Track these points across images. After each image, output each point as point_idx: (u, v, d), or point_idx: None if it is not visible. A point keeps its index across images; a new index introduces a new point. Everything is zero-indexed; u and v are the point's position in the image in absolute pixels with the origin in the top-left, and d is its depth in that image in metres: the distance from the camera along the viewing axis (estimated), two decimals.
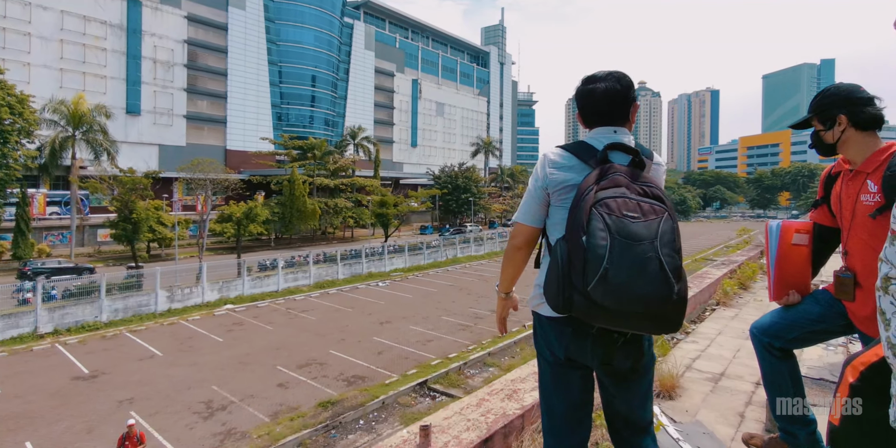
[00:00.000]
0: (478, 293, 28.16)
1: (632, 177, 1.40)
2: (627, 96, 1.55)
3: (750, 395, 3.10)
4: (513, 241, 1.60)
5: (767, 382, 2.04)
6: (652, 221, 1.31)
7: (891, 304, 0.77)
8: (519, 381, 2.59)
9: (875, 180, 1.72)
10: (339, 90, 66.45)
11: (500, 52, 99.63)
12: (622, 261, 1.27)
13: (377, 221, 44.06)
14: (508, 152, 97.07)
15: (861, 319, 1.81)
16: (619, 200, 1.33)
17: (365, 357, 17.57)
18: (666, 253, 1.29)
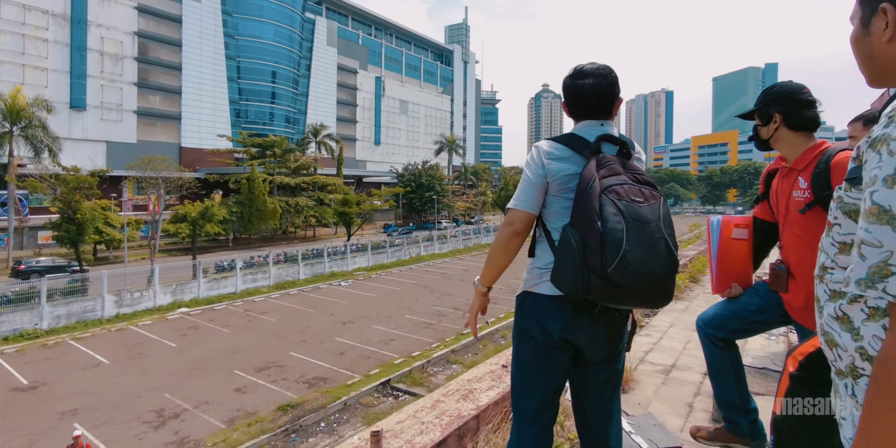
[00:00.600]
0: (441, 291, 28.16)
1: (623, 166, 1.50)
2: (613, 92, 1.62)
3: (698, 385, 3.16)
4: (511, 227, 1.59)
5: (712, 373, 2.10)
6: (654, 205, 1.43)
7: (824, 293, 0.79)
8: (475, 381, 2.53)
9: (805, 177, 1.80)
10: (301, 87, 64.99)
11: (463, 50, 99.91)
12: (637, 242, 1.36)
13: (340, 220, 43.38)
14: (472, 150, 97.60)
15: (796, 310, 1.87)
16: (626, 187, 1.42)
17: (326, 358, 17.26)
18: (669, 233, 1.43)
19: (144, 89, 48.21)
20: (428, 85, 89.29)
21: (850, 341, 0.73)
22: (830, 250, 0.80)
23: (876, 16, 0.75)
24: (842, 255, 0.77)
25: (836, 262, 0.78)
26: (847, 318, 0.74)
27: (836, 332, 0.77)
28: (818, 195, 1.74)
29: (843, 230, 0.77)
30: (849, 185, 0.75)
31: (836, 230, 0.78)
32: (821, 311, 0.82)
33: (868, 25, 0.77)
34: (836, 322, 0.77)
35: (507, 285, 29.96)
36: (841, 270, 0.77)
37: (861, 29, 0.80)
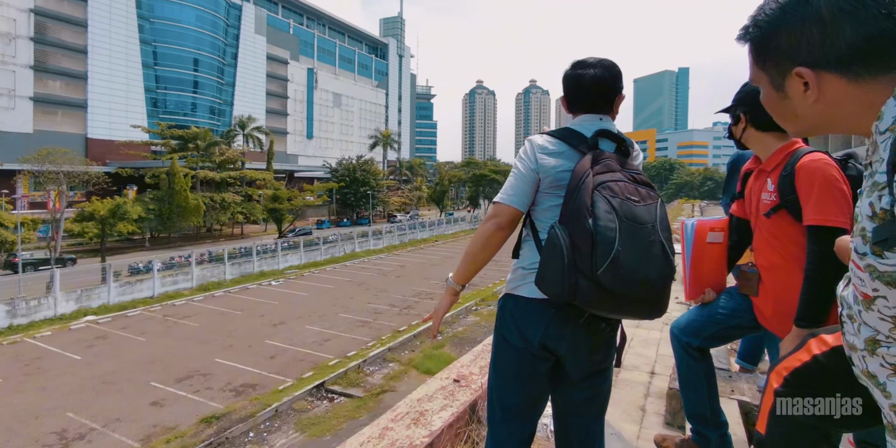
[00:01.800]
0: (377, 288, 27.75)
1: (620, 164, 1.41)
2: (615, 85, 1.53)
3: (647, 385, 3.14)
4: (495, 220, 1.46)
5: (683, 383, 2.04)
6: (650, 205, 1.34)
7: (882, 367, 0.70)
8: (426, 401, 2.31)
9: (773, 179, 1.75)
10: (227, 76, 61.36)
11: (398, 44, 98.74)
12: (631, 243, 1.26)
13: (270, 217, 41.54)
14: (407, 145, 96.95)
15: (766, 318, 1.82)
16: (621, 184, 1.34)
17: (256, 363, 16.43)
18: (666, 237, 1.33)
19: (43, 73, 43.39)
20: (362, 78, 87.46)
21: None
22: (881, 326, 0.69)
23: (789, 78, 0.73)
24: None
25: (892, 336, 0.68)
26: None
27: None
28: (783, 199, 1.69)
29: (892, 303, 0.65)
30: (879, 248, 0.64)
31: (882, 304, 0.67)
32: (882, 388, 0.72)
33: (782, 89, 0.75)
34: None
35: (444, 280, 30.04)
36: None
37: (775, 93, 0.77)
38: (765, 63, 0.77)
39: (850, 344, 0.79)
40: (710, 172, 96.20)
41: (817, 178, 1.60)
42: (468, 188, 72.28)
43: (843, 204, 1.57)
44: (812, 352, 1.28)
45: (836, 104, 0.71)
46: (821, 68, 0.69)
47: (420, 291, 27.09)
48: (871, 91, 0.68)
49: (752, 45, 0.78)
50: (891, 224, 0.61)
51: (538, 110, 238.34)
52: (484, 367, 2.60)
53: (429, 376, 15.90)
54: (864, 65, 0.67)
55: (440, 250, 42.59)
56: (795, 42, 0.70)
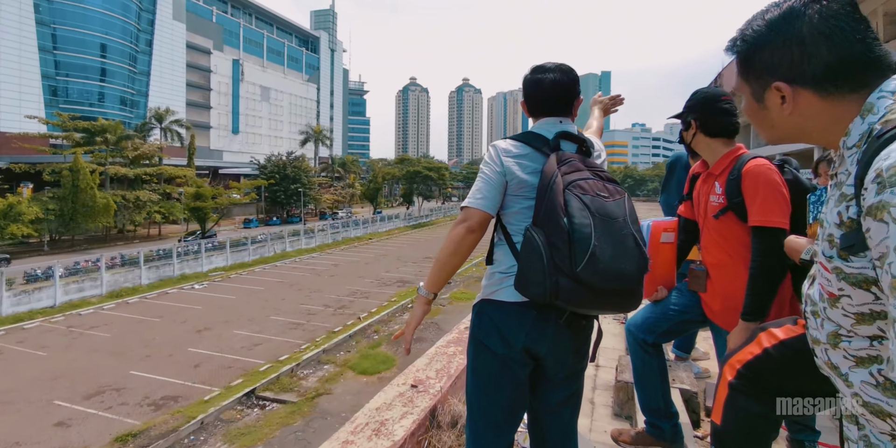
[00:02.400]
0: (310, 288, 26.89)
1: (583, 163, 1.45)
2: (573, 89, 1.58)
3: (594, 378, 3.18)
4: (465, 224, 1.46)
5: (638, 378, 2.12)
6: (620, 200, 1.37)
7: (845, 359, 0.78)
8: (385, 409, 2.16)
9: (721, 183, 1.85)
10: (140, 64, 56.68)
11: (330, 38, 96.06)
12: (605, 238, 1.29)
13: (192, 216, 38.91)
14: (339, 142, 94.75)
15: (714, 312, 1.92)
16: (590, 182, 1.37)
17: (178, 373, 15.33)
18: (636, 230, 1.36)
19: None
20: (292, 72, 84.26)
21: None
22: (844, 321, 0.76)
23: (768, 91, 0.80)
24: (861, 325, 0.74)
25: (854, 331, 0.75)
26: (892, 383, 0.71)
27: (882, 401, 0.72)
28: (731, 201, 1.79)
29: (856, 301, 0.72)
30: (846, 253, 0.70)
31: (846, 302, 0.74)
32: (844, 378, 0.79)
33: (762, 100, 0.82)
34: (876, 389, 0.73)
35: (378, 278, 29.72)
36: (860, 338, 0.75)
37: (756, 104, 0.84)
38: (748, 75, 0.83)
39: (813, 338, 0.86)
40: (630, 171, 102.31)
41: (762, 182, 1.72)
42: (402, 185, 71.91)
43: (783, 206, 1.70)
44: (763, 345, 1.36)
45: (808, 117, 0.78)
46: (797, 84, 0.77)
47: (355, 290, 26.56)
48: (840, 108, 0.75)
49: (738, 58, 0.84)
50: (857, 232, 0.68)
51: (471, 109, 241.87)
52: (440, 371, 2.51)
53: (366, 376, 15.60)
54: (836, 84, 0.74)
55: (374, 248, 42.04)
56: (777, 58, 0.78)
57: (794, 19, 0.76)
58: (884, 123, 0.68)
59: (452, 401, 2.25)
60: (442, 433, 2.14)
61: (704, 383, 2.92)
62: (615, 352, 3.49)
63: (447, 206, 77.72)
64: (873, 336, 0.73)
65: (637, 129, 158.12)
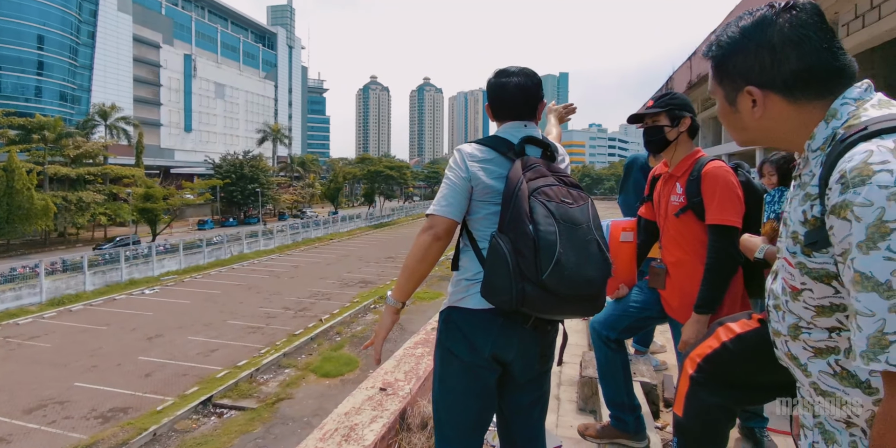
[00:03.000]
0: (269, 290, 26.19)
1: (548, 168, 1.45)
2: (537, 93, 1.58)
3: (558, 375, 3.23)
4: (431, 231, 1.45)
5: (602, 374, 2.18)
6: (584, 206, 1.39)
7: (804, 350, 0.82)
8: (354, 414, 2.12)
9: (682, 183, 1.94)
10: (82, 58, 53.57)
11: (288, 34, 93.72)
12: (570, 245, 1.31)
13: (141, 218, 37.10)
14: (299, 141, 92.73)
15: (673, 308, 2.00)
16: (555, 188, 1.37)
17: (127, 383, 14.60)
18: (600, 235, 1.38)
19: None
20: (248, 68, 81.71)
21: (863, 395, 0.73)
22: (804, 314, 0.80)
23: (740, 95, 0.84)
24: (821, 317, 0.78)
25: (813, 323, 0.80)
26: (848, 373, 0.75)
27: (839, 390, 0.77)
28: (690, 201, 1.87)
29: (817, 295, 0.77)
30: (809, 249, 0.75)
31: (808, 295, 0.79)
32: (803, 368, 0.83)
33: (734, 103, 0.86)
34: (833, 379, 0.77)
35: (340, 279, 29.26)
36: (820, 330, 0.79)
37: (728, 106, 0.88)
38: (721, 79, 0.87)
39: (774, 330, 0.90)
40: (587, 170, 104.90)
41: (720, 183, 1.82)
42: (363, 185, 71.09)
43: (738, 206, 1.81)
44: (721, 339, 1.42)
45: (777, 121, 0.82)
46: (768, 89, 0.80)
47: (316, 292, 26.06)
48: (807, 113, 0.79)
49: (713, 62, 0.88)
50: (820, 230, 0.71)
51: (432, 108, 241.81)
52: (409, 373, 2.49)
53: (328, 379, 15.37)
54: (803, 90, 0.78)
55: (336, 249, 41.39)
56: (749, 64, 0.81)
57: (767, 27, 0.79)
58: (847, 128, 0.72)
59: (422, 403, 2.25)
60: (412, 436, 2.13)
61: (662, 375, 3.03)
62: (578, 348, 3.57)
63: (409, 206, 77.41)
64: (832, 328, 0.77)
65: (594, 130, 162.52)
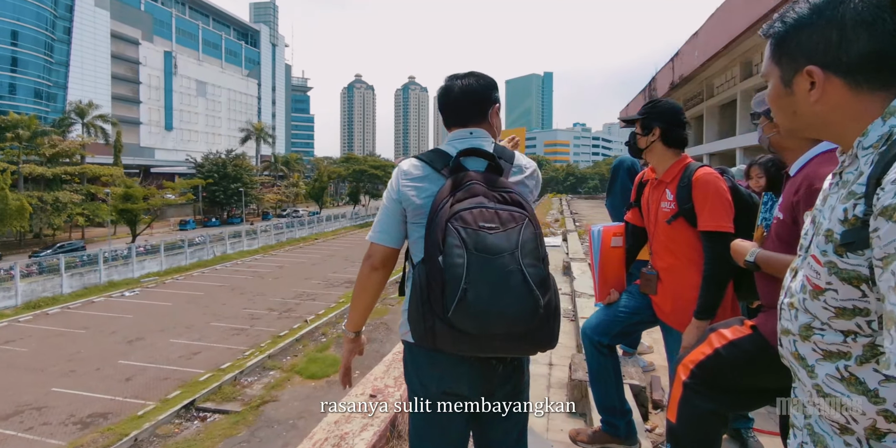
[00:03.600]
0: (253, 291, 25.88)
1: (488, 183, 1.30)
2: (484, 94, 1.45)
3: (548, 377, 3.25)
4: (368, 262, 1.41)
5: (594, 379, 2.18)
6: (512, 231, 1.21)
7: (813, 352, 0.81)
8: (344, 422, 2.08)
9: (672, 190, 1.95)
10: (58, 54, 52.18)
11: (271, 31, 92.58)
12: (482, 278, 1.16)
13: (120, 218, 36.33)
14: (282, 140, 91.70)
15: (665, 313, 2.00)
16: (476, 211, 1.22)
17: (107, 388, 14.31)
18: (528, 263, 1.19)
19: None
20: (231, 66, 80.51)
21: (868, 404, 0.71)
22: (822, 314, 0.78)
23: (799, 75, 0.79)
24: (839, 319, 0.76)
25: (829, 324, 0.77)
26: (856, 379, 0.73)
27: (842, 394, 0.75)
28: (681, 207, 1.89)
29: (841, 296, 0.74)
30: (843, 249, 0.71)
31: (831, 295, 0.75)
32: (809, 370, 0.81)
33: (790, 85, 0.81)
34: (840, 383, 0.76)
35: (326, 279, 29.05)
36: (834, 332, 0.77)
37: (782, 88, 0.83)
38: (780, 58, 0.83)
39: (784, 328, 0.88)
40: (572, 169, 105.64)
41: (711, 189, 1.84)
42: (348, 184, 70.62)
43: (730, 211, 1.83)
44: (714, 345, 1.44)
45: (831, 108, 0.78)
46: (830, 70, 0.76)
47: (301, 292, 25.83)
48: (865, 103, 0.75)
49: (774, 40, 0.84)
50: (860, 230, 0.68)
51: (417, 107, 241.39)
52: (399, 378, 2.47)
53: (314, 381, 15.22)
54: (868, 76, 0.74)
55: (320, 249, 41.10)
56: (815, 41, 0.77)
57: (839, 3, 0.75)
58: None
59: None
60: (403, 443, 2.11)
61: (650, 376, 3.05)
62: (568, 350, 3.58)
63: None
64: (848, 331, 0.75)
65: (578, 129, 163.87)
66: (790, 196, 1.35)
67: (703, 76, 10.23)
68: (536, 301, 1.18)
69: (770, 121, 1.45)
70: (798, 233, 1.27)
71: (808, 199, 1.27)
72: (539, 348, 1.28)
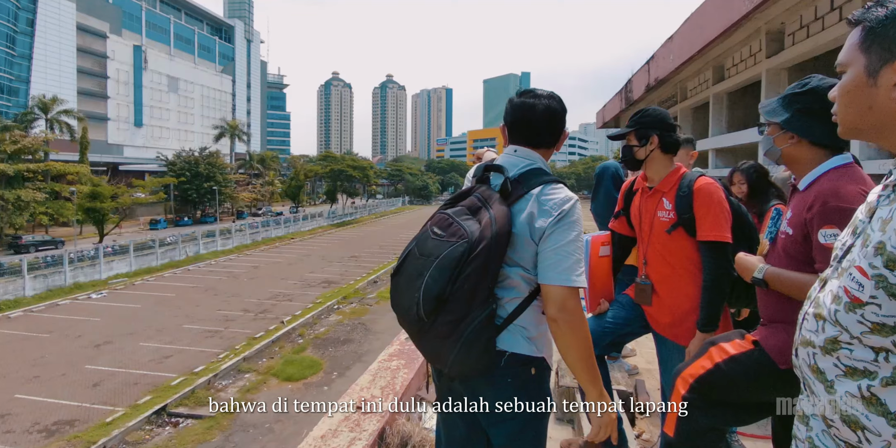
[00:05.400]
0: (228, 292, 25.33)
1: (485, 198, 1.30)
2: (544, 118, 1.39)
3: None
4: None
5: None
6: (446, 242, 1.24)
7: (835, 367, 0.79)
8: (331, 437, 1.99)
9: (669, 199, 1.92)
10: (20, 47, 50.08)
11: (246, 27, 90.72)
12: (404, 268, 1.29)
13: (87, 218, 35.07)
14: (258, 137, 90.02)
15: (662, 326, 1.99)
16: (441, 215, 1.32)
17: (73, 394, 13.80)
18: (433, 275, 1.21)
19: None
20: (204, 61, 78.56)
21: (886, 426, 0.71)
22: (855, 328, 0.75)
23: (888, 67, 0.74)
24: (874, 335, 0.73)
25: (860, 339, 0.75)
26: (878, 400, 0.73)
27: (860, 414, 0.74)
28: (681, 217, 1.87)
29: (884, 312, 0.71)
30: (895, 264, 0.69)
31: (872, 310, 0.73)
32: (828, 385, 0.79)
33: (875, 75, 0.76)
34: (859, 402, 0.74)
35: (302, 279, 28.63)
36: (864, 348, 0.75)
37: (865, 78, 0.77)
38: (872, 45, 0.77)
39: (805, 339, 0.86)
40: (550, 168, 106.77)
41: (714, 200, 1.83)
42: (325, 183, 69.80)
43: (730, 222, 1.83)
44: (714, 360, 1.42)
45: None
46: None
47: (277, 293, 25.40)
48: None
49: (868, 25, 0.78)
50: None
51: (394, 106, 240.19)
52: (385, 388, 2.41)
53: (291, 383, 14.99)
54: None
55: (297, 248, 40.48)
56: None
57: None
58: None
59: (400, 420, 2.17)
60: None
61: (634, 380, 3.07)
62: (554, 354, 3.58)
63: (372, 204, 76.68)
64: (881, 348, 0.73)
65: None
66: (801, 212, 1.30)
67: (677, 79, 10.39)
68: (418, 310, 1.22)
69: (785, 131, 1.39)
70: (807, 250, 1.26)
71: (822, 217, 1.22)
72: (435, 362, 1.35)
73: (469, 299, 1.21)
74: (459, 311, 1.21)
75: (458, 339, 1.21)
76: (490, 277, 1.23)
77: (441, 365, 1.31)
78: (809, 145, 1.36)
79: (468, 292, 1.20)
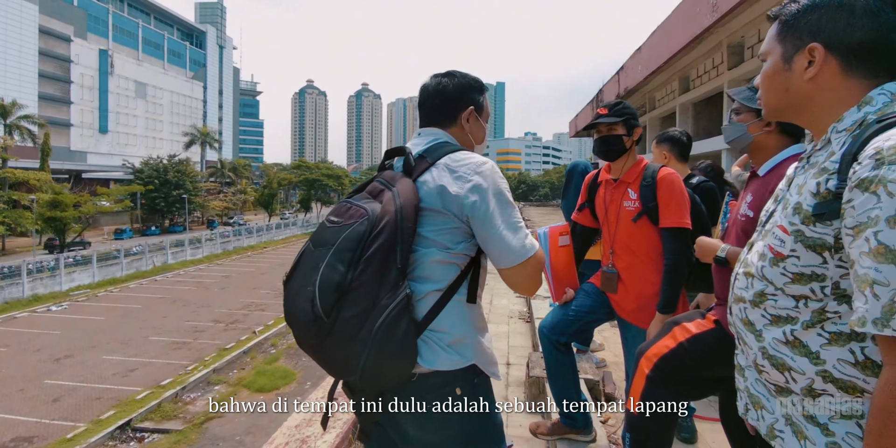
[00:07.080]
0: (197, 303, 24.66)
1: (389, 180, 1.16)
2: (455, 95, 1.31)
3: (506, 376, 3.30)
4: None
5: (552, 375, 2.23)
6: (342, 227, 1.08)
7: (762, 317, 0.88)
8: (305, 426, 1.98)
9: (634, 189, 2.03)
10: None
11: (219, 33, 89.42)
12: (299, 268, 1.10)
13: (47, 227, 33.70)
14: (230, 145, 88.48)
15: (627, 311, 2.07)
16: (338, 205, 1.17)
17: (31, 410, 13.19)
18: (330, 263, 1.03)
19: None
20: (174, 67, 76.97)
21: (809, 365, 0.80)
22: (779, 280, 0.84)
23: (800, 53, 0.86)
24: (795, 284, 0.82)
25: (783, 290, 0.84)
26: (801, 342, 0.81)
27: (786, 357, 0.83)
28: (645, 206, 1.97)
29: (802, 262, 0.81)
30: (813, 220, 0.78)
31: (792, 261, 0.82)
32: (757, 335, 0.88)
33: (790, 61, 0.87)
34: (785, 346, 0.83)
35: (275, 288, 28.07)
36: (786, 297, 0.84)
37: (782, 64, 0.89)
38: (786, 36, 0.89)
39: (737, 296, 0.96)
40: (524, 177, 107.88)
41: (676, 188, 1.95)
42: (300, 192, 68.95)
43: (689, 209, 1.95)
44: (677, 339, 1.50)
45: (820, 88, 0.85)
46: (831, 50, 0.83)
47: (249, 303, 24.86)
48: (849, 89, 0.83)
49: (784, 18, 0.90)
50: (832, 202, 0.75)
51: (370, 114, 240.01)
52: None
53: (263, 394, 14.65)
54: (862, 62, 0.82)
55: (270, 257, 39.77)
56: (823, 22, 0.84)
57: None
58: (880, 114, 0.77)
59: None
60: None
61: (602, 372, 3.16)
62: (524, 349, 3.65)
63: None
64: (800, 296, 0.82)
65: (529, 138, 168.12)
66: (763, 195, 1.37)
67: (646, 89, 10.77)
68: (314, 307, 1.02)
69: (760, 119, 1.49)
70: None
71: None
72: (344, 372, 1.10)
73: (375, 284, 1.02)
74: (365, 300, 1.02)
75: (369, 335, 1.01)
76: (399, 257, 1.05)
77: (351, 373, 1.06)
78: (779, 134, 1.48)
79: (373, 276, 1.02)
